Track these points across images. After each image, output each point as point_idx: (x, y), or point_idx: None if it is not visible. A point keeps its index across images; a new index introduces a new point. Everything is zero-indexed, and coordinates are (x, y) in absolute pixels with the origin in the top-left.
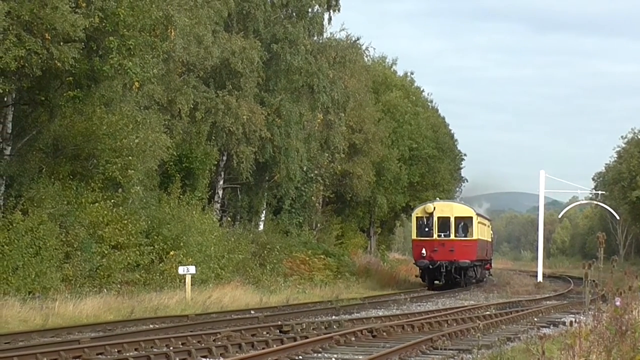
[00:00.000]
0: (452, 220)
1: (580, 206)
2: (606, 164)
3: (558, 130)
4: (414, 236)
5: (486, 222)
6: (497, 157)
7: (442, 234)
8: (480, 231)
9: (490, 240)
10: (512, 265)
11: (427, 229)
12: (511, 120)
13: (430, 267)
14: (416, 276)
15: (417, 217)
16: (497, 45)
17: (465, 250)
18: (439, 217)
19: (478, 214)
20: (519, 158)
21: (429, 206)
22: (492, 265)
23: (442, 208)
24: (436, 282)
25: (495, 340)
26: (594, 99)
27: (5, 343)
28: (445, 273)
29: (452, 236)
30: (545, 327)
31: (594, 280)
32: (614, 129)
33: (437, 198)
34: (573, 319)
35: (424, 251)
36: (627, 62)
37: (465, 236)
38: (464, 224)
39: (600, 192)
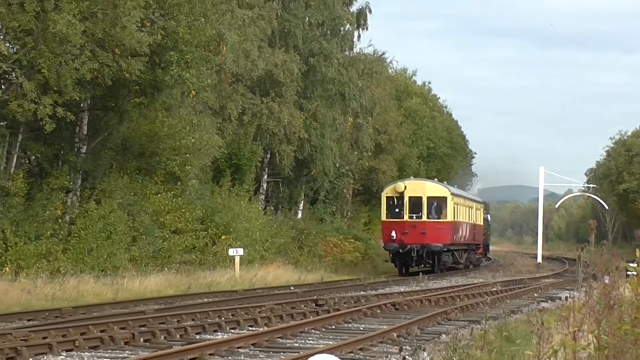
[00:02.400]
0: (425, 200)
1: (574, 197)
2: (597, 161)
3: (556, 132)
4: (383, 217)
5: (473, 204)
6: (503, 155)
7: (414, 215)
8: (460, 213)
9: (481, 224)
10: (516, 249)
11: (397, 210)
12: (516, 122)
13: (401, 251)
14: (386, 261)
15: (387, 197)
16: (504, 59)
17: (438, 233)
18: (410, 197)
19: (456, 194)
20: (522, 156)
21: (400, 185)
22: (497, 248)
23: (413, 187)
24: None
25: (500, 312)
26: (588, 104)
27: (82, 313)
28: (417, 258)
29: (424, 217)
30: (544, 301)
31: (586, 262)
32: (604, 131)
33: (411, 177)
34: (568, 295)
35: (393, 234)
36: (616, 73)
37: (439, 218)
38: (437, 204)
39: (591, 185)
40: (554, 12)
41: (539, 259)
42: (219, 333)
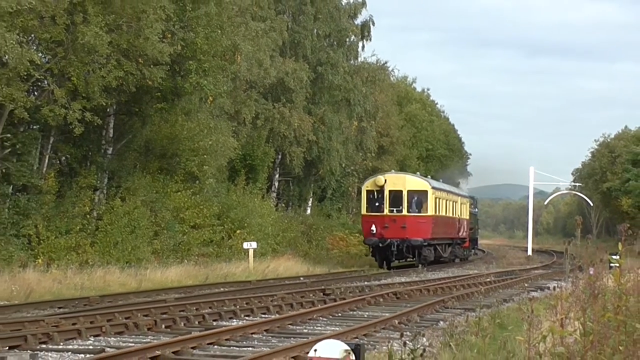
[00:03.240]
0: (405, 194)
1: (562, 195)
2: (582, 161)
3: (545, 135)
4: (363, 211)
5: (458, 198)
6: (496, 156)
7: (394, 209)
8: (442, 207)
9: (467, 218)
10: (508, 242)
11: (377, 204)
12: (507, 126)
13: (380, 245)
14: (366, 255)
15: (367, 191)
16: (497, 67)
17: (418, 227)
18: (390, 191)
19: (438, 188)
20: (513, 157)
21: (380, 178)
22: (490, 242)
23: (394, 181)
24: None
25: (494, 301)
26: (574, 110)
27: (108, 302)
28: (397, 252)
29: (405, 211)
30: (533, 291)
31: (572, 254)
32: (589, 134)
33: (393, 170)
34: (556, 285)
35: (373, 228)
36: (600, 81)
37: (419, 212)
38: (418, 198)
39: (577, 184)
40: (542, 25)
41: (529, 252)
42: (234, 320)
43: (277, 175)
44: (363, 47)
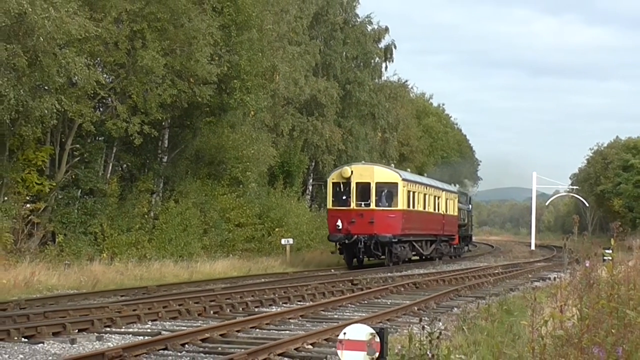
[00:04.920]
0: (373, 186)
1: (561, 197)
2: (579, 167)
3: (546, 143)
4: (329, 205)
5: (442, 193)
6: (503, 162)
7: (362, 203)
8: (418, 201)
9: (454, 214)
10: (513, 239)
11: (344, 197)
12: (513, 136)
13: (347, 241)
14: (332, 252)
15: (333, 183)
16: (504, 85)
17: (387, 222)
18: (357, 183)
19: (411, 180)
20: (518, 163)
21: (346, 170)
22: (498, 238)
23: (361, 172)
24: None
25: (501, 290)
26: (572, 122)
27: (164, 290)
28: (365, 249)
29: (373, 205)
30: (536, 281)
31: (570, 249)
32: (585, 143)
33: (363, 161)
34: (556, 276)
35: (339, 223)
36: (594, 97)
37: (389, 206)
38: (388, 191)
39: (575, 187)
40: (543, 47)
41: (533, 247)
42: (274, 307)
43: (310, 180)
44: (386, 67)
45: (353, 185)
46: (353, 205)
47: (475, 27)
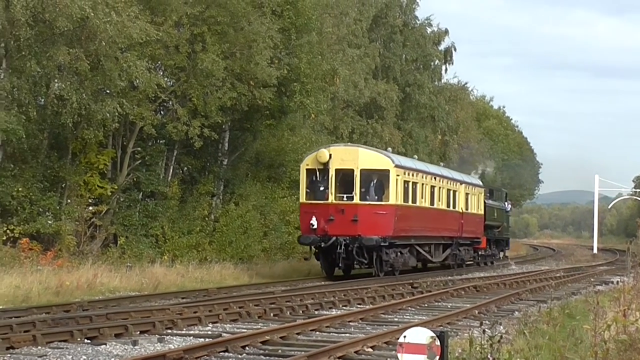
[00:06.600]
0: (357, 174)
1: (624, 200)
2: None
3: (607, 146)
4: (301, 198)
5: (460, 186)
6: (565, 165)
7: (344, 196)
8: (420, 194)
9: (479, 212)
10: (575, 242)
11: (320, 188)
12: (576, 139)
13: (323, 244)
14: (305, 258)
15: (307, 170)
16: (567, 87)
17: (374, 220)
18: (337, 170)
19: (409, 168)
20: (580, 166)
21: (323, 152)
22: (559, 242)
23: (342, 156)
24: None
25: (563, 294)
26: (637, 124)
27: (224, 293)
28: (345, 255)
29: (357, 199)
30: (599, 285)
31: (634, 252)
32: None
33: (349, 143)
34: (619, 279)
35: (314, 221)
36: None
37: (379, 199)
38: (378, 181)
39: (638, 190)
40: (605, 48)
41: (595, 250)
42: (334, 310)
43: None
44: (446, 70)
45: (332, 173)
46: (332, 198)
47: (539, 29)
